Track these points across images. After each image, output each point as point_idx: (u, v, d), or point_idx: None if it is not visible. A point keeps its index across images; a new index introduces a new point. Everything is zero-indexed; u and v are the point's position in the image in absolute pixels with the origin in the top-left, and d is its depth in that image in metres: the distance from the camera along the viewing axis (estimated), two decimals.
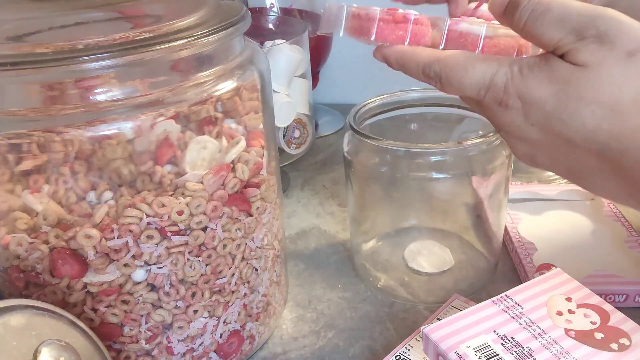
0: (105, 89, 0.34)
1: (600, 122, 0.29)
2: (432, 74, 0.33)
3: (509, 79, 0.31)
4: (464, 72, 0.32)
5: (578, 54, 0.29)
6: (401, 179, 0.50)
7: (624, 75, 0.28)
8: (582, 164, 0.31)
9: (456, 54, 0.32)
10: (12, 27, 0.37)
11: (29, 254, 0.37)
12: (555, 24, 0.29)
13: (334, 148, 0.82)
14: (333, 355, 0.48)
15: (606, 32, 0.28)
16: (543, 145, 0.32)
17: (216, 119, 0.40)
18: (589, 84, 0.29)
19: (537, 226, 0.59)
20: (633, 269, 0.52)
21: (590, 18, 0.29)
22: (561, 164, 0.32)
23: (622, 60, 0.28)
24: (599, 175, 0.31)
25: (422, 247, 0.56)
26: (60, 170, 0.36)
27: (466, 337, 0.38)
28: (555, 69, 0.30)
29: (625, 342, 0.38)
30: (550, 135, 0.31)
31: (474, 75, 0.31)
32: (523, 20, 0.30)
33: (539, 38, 0.30)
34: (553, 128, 0.30)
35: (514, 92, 0.30)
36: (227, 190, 0.40)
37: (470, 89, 0.32)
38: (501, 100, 0.31)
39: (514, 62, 0.31)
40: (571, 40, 0.29)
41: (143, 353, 0.41)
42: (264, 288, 0.46)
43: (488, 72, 0.31)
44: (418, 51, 0.34)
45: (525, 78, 0.30)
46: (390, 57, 0.35)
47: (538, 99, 0.30)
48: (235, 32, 0.39)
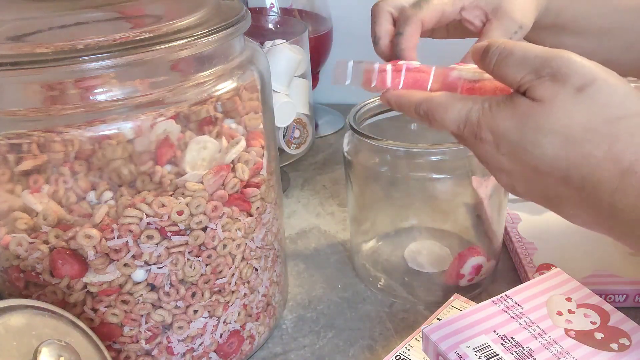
0: (105, 89, 0.34)
1: (558, 150, 0.32)
2: (422, 113, 0.37)
3: (480, 114, 0.34)
4: (444, 110, 0.36)
5: (536, 90, 0.32)
6: (401, 179, 0.50)
7: (574, 107, 0.32)
8: (553, 191, 0.34)
9: (441, 95, 0.36)
10: (12, 27, 0.37)
11: (29, 254, 0.37)
12: (517, 65, 0.33)
13: (334, 148, 0.82)
14: (333, 355, 0.48)
15: (559, 71, 0.32)
16: (516, 174, 0.35)
17: (216, 119, 0.40)
18: (544, 116, 0.32)
19: (537, 226, 0.58)
20: (633, 269, 0.52)
21: (546, 59, 0.32)
22: (536, 192, 0.35)
23: (572, 94, 0.32)
24: (568, 202, 0.34)
25: (422, 247, 0.56)
26: (60, 170, 0.36)
27: (466, 337, 0.38)
28: (517, 104, 0.33)
29: (625, 342, 0.38)
30: (519, 164, 0.34)
31: (453, 112, 0.35)
32: (492, 63, 0.34)
33: (505, 78, 0.34)
34: (520, 157, 0.34)
35: (485, 126, 0.34)
36: (227, 190, 0.40)
37: (451, 124, 0.36)
38: (476, 134, 0.35)
39: (486, 100, 0.35)
40: (530, 78, 0.33)
41: (143, 353, 0.41)
42: (264, 288, 0.46)
43: (464, 109, 0.35)
44: (411, 93, 0.38)
45: (493, 113, 0.34)
46: (390, 100, 0.39)
47: (504, 130, 0.33)
48: (235, 32, 0.39)
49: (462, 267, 0.51)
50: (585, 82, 0.32)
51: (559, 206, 0.35)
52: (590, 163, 0.32)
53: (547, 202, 0.35)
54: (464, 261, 0.51)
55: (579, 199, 0.33)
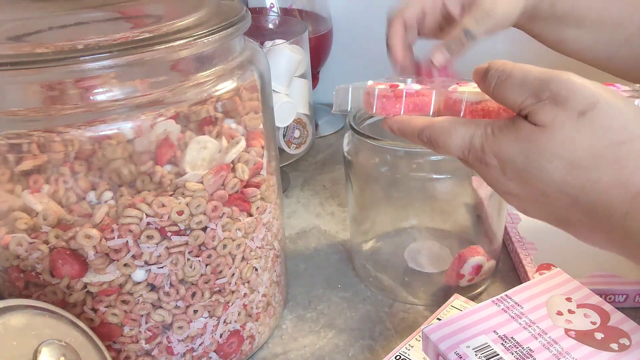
0: (105, 89, 0.34)
1: (565, 176, 0.32)
2: (425, 139, 0.36)
3: (484, 140, 0.34)
4: (448, 136, 0.35)
5: (536, 115, 0.32)
6: (401, 179, 0.50)
7: (577, 132, 0.31)
8: (564, 214, 0.33)
9: (442, 120, 0.36)
10: (12, 27, 0.37)
11: (29, 254, 0.37)
12: (517, 88, 0.32)
13: (334, 148, 0.82)
14: (333, 355, 0.48)
15: (559, 94, 0.31)
16: (525, 197, 0.34)
17: (216, 119, 0.40)
18: (547, 142, 0.31)
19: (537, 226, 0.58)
20: (633, 269, 0.52)
21: (545, 81, 0.31)
22: (549, 215, 0.34)
23: (574, 119, 0.31)
24: (581, 225, 0.33)
25: (422, 247, 0.56)
26: (60, 170, 0.36)
27: (466, 337, 0.38)
28: (519, 129, 0.32)
29: (625, 342, 0.38)
30: (527, 188, 0.33)
31: (457, 138, 0.35)
32: (492, 86, 0.33)
33: (506, 101, 0.33)
34: (527, 181, 0.33)
35: (490, 151, 0.33)
36: (227, 190, 0.40)
37: (455, 151, 0.35)
38: (481, 159, 0.34)
39: (488, 124, 0.34)
40: (531, 102, 0.32)
41: (143, 353, 0.41)
42: (264, 288, 0.46)
43: (467, 135, 0.34)
44: (413, 119, 0.38)
45: (496, 138, 0.33)
46: (393, 126, 0.39)
47: (508, 156, 0.33)
48: (235, 32, 0.39)
49: (462, 267, 0.51)
50: (586, 105, 0.31)
51: (572, 228, 0.34)
52: (598, 188, 0.31)
53: (560, 224, 0.35)
54: (464, 261, 0.51)
55: (590, 222, 0.32)
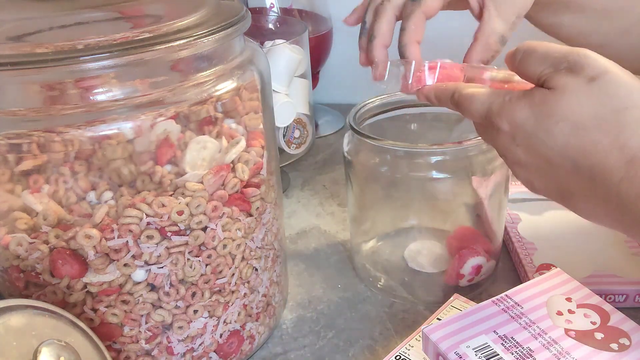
0: (105, 89, 0.34)
1: (568, 138, 0.33)
2: (455, 101, 0.39)
3: (501, 106, 0.36)
4: (471, 101, 0.38)
5: (552, 80, 0.34)
6: (401, 179, 0.50)
7: (585, 95, 0.33)
8: (565, 184, 0.35)
9: (471, 86, 0.39)
10: (12, 27, 0.37)
11: (29, 254, 0.37)
12: (539, 60, 0.35)
13: (334, 148, 0.82)
14: (333, 355, 0.48)
15: (575, 63, 0.34)
16: (532, 167, 0.36)
17: (216, 119, 0.40)
18: (557, 103, 0.34)
19: (537, 226, 0.59)
20: (633, 269, 0.52)
21: (564, 54, 0.34)
22: (552, 186, 0.36)
23: (584, 83, 0.33)
24: (580, 195, 0.35)
25: (422, 247, 0.56)
26: (60, 170, 0.36)
27: (466, 337, 0.38)
28: (535, 95, 0.35)
29: (625, 342, 0.38)
30: (533, 154, 0.35)
31: (477, 104, 0.37)
32: (517, 60, 0.36)
33: (528, 73, 0.36)
34: (534, 147, 0.35)
35: (504, 117, 0.36)
36: (227, 190, 0.40)
37: (475, 114, 0.38)
38: (495, 124, 0.36)
39: (508, 93, 0.36)
40: (549, 72, 0.35)
41: (143, 353, 0.41)
42: (264, 288, 0.46)
43: (488, 100, 0.37)
44: (447, 84, 0.41)
45: (512, 104, 0.35)
46: (429, 93, 0.42)
47: (520, 120, 0.35)
48: (235, 32, 0.39)
49: (462, 267, 0.51)
50: (597, 73, 0.33)
51: (572, 201, 0.36)
52: (597, 151, 0.33)
53: (562, 197, 0.36)
54: (464, 261, 0.51)
55: (589, 190, 0.34)
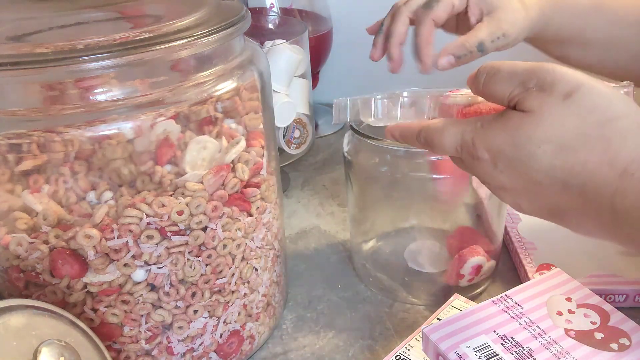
0: (105, 89, 0.34)
1: (553, 160, 0.32)
2: (422, 140, 0.38)
3: (474, 134, 0.35)
4: (440, 135, 0.36)
5: (524, 102, 0.33)
6: (401, 179, 0.50)
7: (563, 114, 0.32)
8: (555, 203, 0.34)
9: (436, 122, 0.37)
10: (12, 27, 0.37)
11: (29, 254, 0.37)
12: (506, 80, 0.34)
13: (334, 148, 0.82)
14: (333, 355, 0.48)
15: (545, 80, 0.32)
16: (517, 190, 0.35)
17: (216, 119, 0.40)
18: (535, 126, 0.32)
19: (537, 226, 0.58)
20: (633, 269, 0.52)
21: (531, 71, 0.33)
22: (541, 206, 0.35)
23: (560, 101, 0.32)
24: (572, 212, 0.34)
25: (422, 247, 0.56)
26: (60, 170, 0.36)
27: (466, 337, 0.38)
28: (508, 118, 0.33)
29: (625, 342, 0.38)
30: (519, 179, 0.34)
31: (449, 136, 0.36)
32: (481, 83, 0.35)
33: (495, 95, 0.34)
34: (518, 171, 0.34)
35: (480, 144, 0.34)
36: (227, 190, 0.40)
37: (448, 148, 0.36)
38: (473, 154, 0.35)
39: (478, 120, 0.35)
40: (519, 91, 0.33)
41: (143, 353, 0.41)
42: (264, 288, 0.46)
43: (459, 131, 0.35)
44: (411, 124, 0.39)
45: (486, 131, 0.34)
46: (395, 133, 0.40)
47: (498, 146, 0.33)
48: (235, 32, 0.39)
49: (462, 267, 0.51)
50: (571, 88, 0.32)
51: (564, 218, 0.35)
52: (587, 169, 0.32)
53: (552, 215, 0.35)
54: (464, 261, 0.51)
55: (581, 207, 0.33)
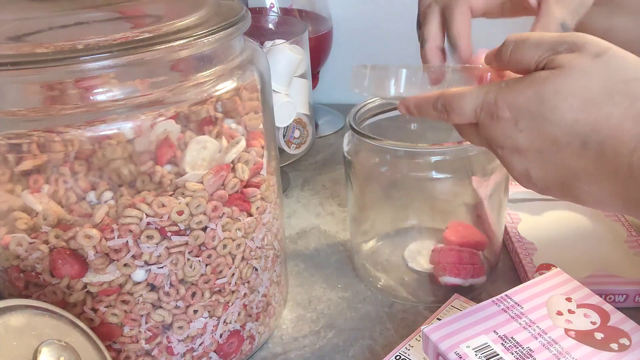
0: (105, 89, 0.34)
1: (577, 114, 0.33)
2: (440, 107, 0.38)
3: (497, 92, 0.35)
4: (461, 98, 0.36)
5: (554, 61, 0.34)
6: (401, 179, 0.50)
7: (593, 70, 0.33)
8: (569, 167, 0.34)
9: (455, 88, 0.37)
10: (12, 27, 0.37)
11: (29, 254, 0.37)
12: (534, 47, 0.34)
13: (334, 148, 0.82)
14: (333, 355, 0.48)
15: (575, 43, 0.34)
16: (533, 153, 0.35)
17: (216, 119, 0.40)
18: (563, 80, 0.33)
19: (537, 226, 0.59)
20: (633, 269, 0.52)
21: (560, 37, 0.34)
22: (552, 174, 0.35)
23: (590, 59, 0.33)
24: (584, 178, 0.34)
25: (422, 247, 0.56)
26: (60, 170, 0.36)
27: (466, 337, 0.38)
28: (535, 75, 0.34)
29: (625, 342, 0.38)
30: (537, 138, 0.34)
31: (470, 98, 0.36)
32: (508, 53, 0.35)
33: (523, 62, 0.35)
34: (539, 129, 0.34)
35: (503, 103, 0.34)
36: (227, 190, 0.40)
37: (468, 110, 0.36)
38: (493, 113, 0.35)
39: (502, 81, 0.35)
40: (548, 54, 0.34)
41: (143, 353, 0.41)
42: (264, 288, 0.46)
43: (481, 93, 0.36)
44: (428, 94, 0.39)
45: (511, 88, 0.34)
46: (409, 104, 0.40)
47: (523, 102, 0.34)
48: (235, 32, 0.39)
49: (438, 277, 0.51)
50: (600, 49, 0.33)
51: (574, 186, 0.35)
52: (609, 124, 0.32)
53: (562, 184, 0.35)
54: (439, 275, 0.51)
55: (596, 169, 0.33)
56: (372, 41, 0.89)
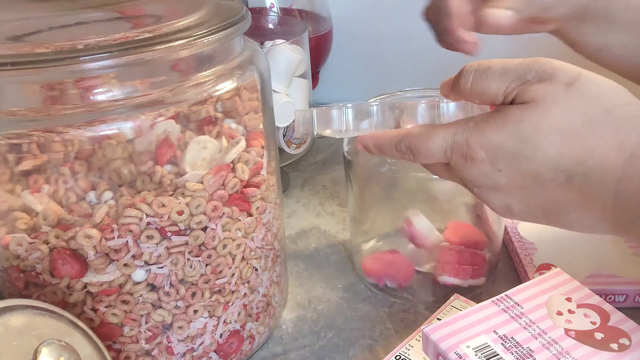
0: (105, 89, 0.34)
1: (560, 148, 0.32)
2: (403, 149, 0.36)
3: (468, 134, 0.33)
4: (428, 139, 0.35)
5: (524, 95, 0.32)
6: (401, 179, 0.50)
7: (569, 102, 0.31)
8: (554, 200, 0.33)
9: (419, 127, 0.36)
10: (12, 27, 0.37)
11: (29, 254, 0.37)
12: (498, 77, 0.32)
13: (334, 148, 0.82)
14: (333, 355, 0.48)
15: (544, 71, 0.32)
16: (514, 189, 0.34)
17: (216, 119, 0.40)
18: (540, 116, 0.31)
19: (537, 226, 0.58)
20: (633, 269, 0.52)
21: (527, 64, 0.32)
22: (535, 207, 0.34)
23: (563, 89, 0.31)
24: (571, 208, 0.33)
25: None
26: (60, 170, 0.36)
27: (466, 337, 0.38)
28: (507, 113, 0.32)
29: (625, 342, 0.38)
30: (518, 176, 0.33)
31: (437, 139, 0.34)
32: (470, 82, 0.33)
33: (487, 93, 0.33)
34: (520, 167, 0.32)
35: (476, 144, 0.33)
36: (227, 190, 0.40)
37: (437, 152, 0.34)
38: (466, 155, 0.33)
39: (469, 120, 0.33)
40: (515, 85, 0.32)
41: (143, 353, 0.41)
42: (264, 288, 0.46)
43: (449, 134, 0.34)
44: (388, 133, 0.37)
45: (482, 129, 0.33)
46: (368, 144, 0.38)
47: (499, 143, 0.32)
48: (235, 32, 0.39)
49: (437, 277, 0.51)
50: (571, 77, 0.32)
51: (559, 216, 0.34)
52: (593, 155, 0.31)
53: (546, 214, 0.34)
54: (438, 275, 0.51)
55: (582, 199, 0.32)
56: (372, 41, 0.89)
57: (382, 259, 0.54)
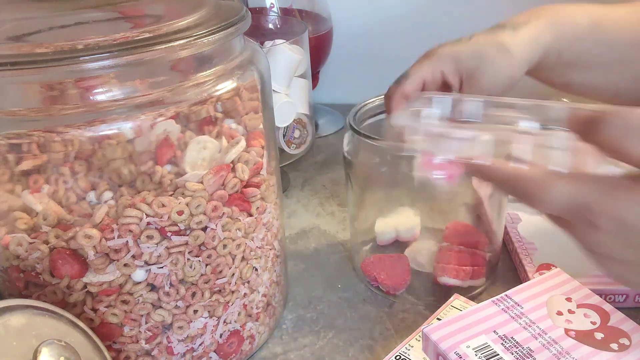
0: (105, 89, 0.34)
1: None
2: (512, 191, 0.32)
3: (596, 199, 0.29)
4: (544, 192, 0.30)
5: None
6: (401, 179, 0.50)
7: None
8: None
9: (537, 173, 0.31)
10: (12, 27, 0.37)
11: (29, 254, 0.37)
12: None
13: (334, 148, 0.82)
14: (333, 355, 0.48)
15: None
16: (635, 264, 0.30)
17: (216, 119, 0.40)
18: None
19: (537, 226, 0.58)
20: None
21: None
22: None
23: None
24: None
25: (422, 247, 0.56)
26: (60, 170, 0.36)
27: (466, 337, 0.38)
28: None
29: (625, 342, 0.38)
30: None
31: (557, 193, 0.30)
32: (606, 135, 0.28)
33: (629, 154, 0.28)
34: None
35: (605, 214, 0.29)
36: (227, 190, 0.40)
37: (555, 207, 0.30)
38: (590, 222, 0.29)
39: (600, 180, 0.29)
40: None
41: (143, 353, 0.41)
42: (264, 288, 0.46)
43: (572, 191, 0.29)
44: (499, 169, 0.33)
45: (615, 200, 0.28)
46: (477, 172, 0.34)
47: (635, 219, 0.28)
48: (235, 32, 0.39)
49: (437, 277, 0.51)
50: None
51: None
52: None
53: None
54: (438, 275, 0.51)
55: None
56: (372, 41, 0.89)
57: (382, 259, 0.54)
